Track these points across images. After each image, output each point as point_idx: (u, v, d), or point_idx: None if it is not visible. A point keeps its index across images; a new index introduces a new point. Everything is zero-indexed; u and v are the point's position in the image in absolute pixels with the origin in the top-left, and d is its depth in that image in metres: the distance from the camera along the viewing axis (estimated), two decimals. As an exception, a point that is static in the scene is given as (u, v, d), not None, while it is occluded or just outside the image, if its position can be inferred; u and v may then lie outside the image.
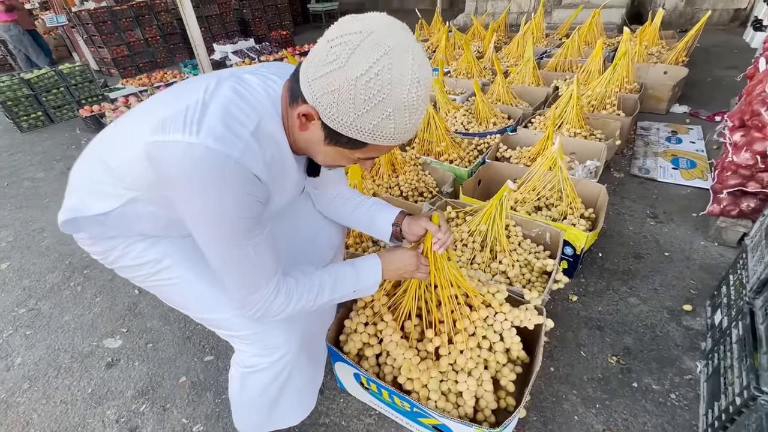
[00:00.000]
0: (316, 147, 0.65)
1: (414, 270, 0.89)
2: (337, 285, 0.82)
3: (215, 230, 0.62)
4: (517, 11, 6.25)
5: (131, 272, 0.81)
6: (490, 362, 1.02)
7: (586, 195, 1.72)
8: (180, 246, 0.79)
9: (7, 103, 3.72)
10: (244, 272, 0.68)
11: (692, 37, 3.12)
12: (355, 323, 1.06)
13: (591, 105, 2.46)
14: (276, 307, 0.73)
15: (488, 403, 0.98)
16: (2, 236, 2.23)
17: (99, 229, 0.75)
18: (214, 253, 0.67)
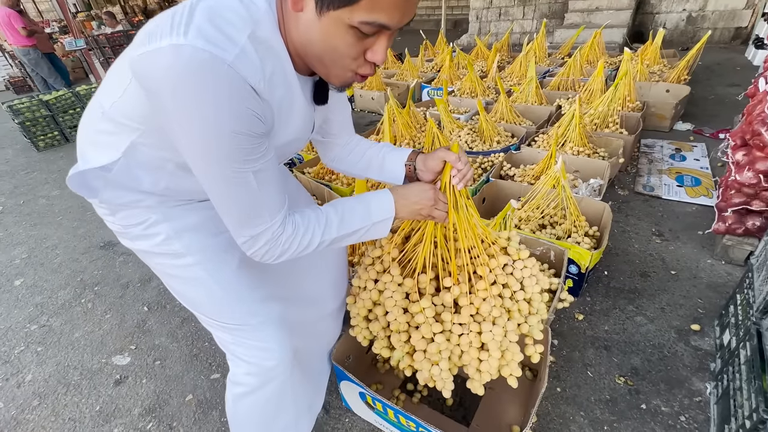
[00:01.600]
0: (311, 30, 0.54)
1: (431, 205, 0.77)
2: (345, 219, 0.73)
3: (211, 149, 0.54)
4: (519, 31, 6.39)
5: (150, 258, 0.79)
6: (512, 312, 0.90)
7: (590, 213, 1.74)
8: (205, 244, 0.77)
9: (26, 123, 3.85)
10: (246, 204, 0.61)
11: (693, 56, 3.17)
12: (363, 280, 0.93)
13: (594, 123, 2.50)
14: (282, 243, 0.66)
15: (514, 355, 0.86)
16: (17, 253, 2.28)
17: (109, 191, 0.70)
18: (212, 182, 0.59)
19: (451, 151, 0.79)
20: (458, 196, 0.82)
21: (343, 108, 0.89)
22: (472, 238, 0.87)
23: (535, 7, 6.13)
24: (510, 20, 6.38)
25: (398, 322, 0.86)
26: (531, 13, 6.21)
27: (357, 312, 0.94)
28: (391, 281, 0.88)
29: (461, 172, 0.79)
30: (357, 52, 0.56)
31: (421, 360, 0.85)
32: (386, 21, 0.52)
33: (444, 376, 0.84)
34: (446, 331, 0.85)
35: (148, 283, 1.90)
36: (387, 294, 0.88)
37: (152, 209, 0.73)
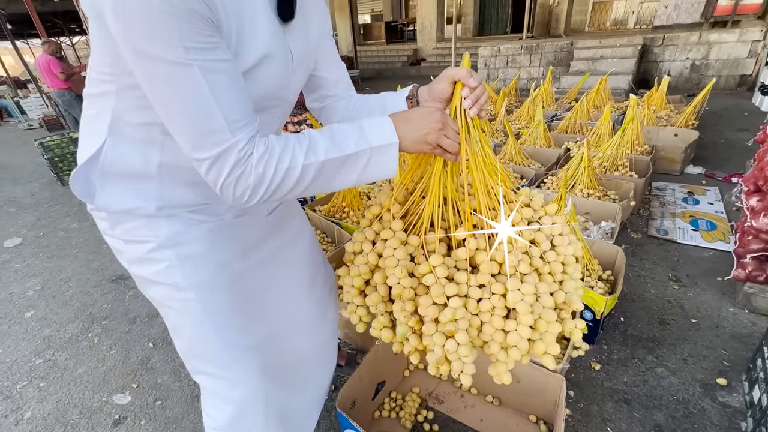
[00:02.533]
0: None
1: (439, 129, 0.63)
2: (335, 141, 0.61)
3: (145, 32, 0.47)
4: (526, 78, 6.63)
5: (148, 286, 0.75)
6: (543, 276, 0.70)
7: (603, 257, 1.71)
8: (207, 279, 0.74)
9: (54, 159, 4.05)
10: (196, 110, 0.51)
11: (699, 102, 3.23)
12: (359, 243, 0.76)
13: (603, 166, 2.51)
14: (254, 165, 0.55)
15: (549, 325, 0.67)
16: (31, 284, 2.32)
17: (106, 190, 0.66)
18: (154, 83, 0.51)
19: (462, 66, 0.67)
20: (471, 126, 0.68)
21: (335, 64, 0.83)
22: (490, 178, 0.70)
23: (541, 56, 6.40)
24: (517, 67, 6.65)
25: (402, 287, 0.69)
26: (537, 61, 6.47)
27: (351, 283, 0.76)
28: (393, 237, 0.72)
29: (474, 93, 0.66)
30: None
31: (432, 333, 0.67)
32: None
33: (462, 352, 0.65)
34: (462, 296, 0.67)
35: (155, 318, 1.90)
36: (388, 253, 0.71)
37: (155, 222, 0.68)
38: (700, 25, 6.62)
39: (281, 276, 0.89)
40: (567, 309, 0.72)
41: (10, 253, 2.75)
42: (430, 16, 11.20)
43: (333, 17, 13.58)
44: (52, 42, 5.41)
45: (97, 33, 0.55)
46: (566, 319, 0.72)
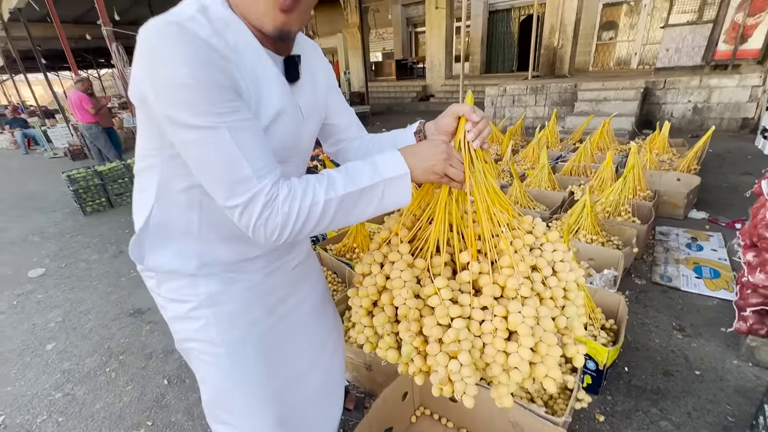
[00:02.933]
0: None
1: (444, 159, 0.69)
2: (351, 176, 0.66)
3: (179, 103, 0.56)
4: (532, 116, 6.83)
5: (184, 342, 0.83)
6: (545, 300, 0.73)
7: (606, 305, 1.75)
8: (239, 337, 0.81)
9: (79, 191, 4.25)
10: (227, 164, 0.58)
11: (701, 148, 3.32)
12: (368, 264, 0.80)
13: (606, 211, 2.59)
14: (280, 206, 0.61)
15: (550, 348, 0.68)
16: (52, 316, 2.42)
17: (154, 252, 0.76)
18: (190, 146, 0.59)
19: (465, 103, 0.73)
20: (475, 157, 0.73)
21: (345, 111, 0.92)
22: (493, 206, 0.75)
23: (546, 96, 6.62)
24: (523, 106, 6.87)
25: (408, 307, 0.72)
26: (543, 101, 6.69)
27: (360, 304, 0.79)
28: (401, 260, 0.75)
29: (477, 126, 0.73)
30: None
31: (436, 353, 0.70)
32: None
33: (465, 373, 0.68)
34: (465, 318, 0.70)
35: (170, 354, 1.96)
36: (395, 274, 0.74)
37: (196, 281, 0.77)
38: (702, 68, 6.84)
39: (299, 328, 0.96)
40: (569, 334, 0.75)
41: (33, 283, 2.87)
42: (439, 55, 11.70)
43: (346, 56, 14.25)
44: (84, 80, 5.79)
45: (142, 117, 0.67)
46: (568, 344, 0.74)
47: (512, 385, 0.70)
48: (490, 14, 12.33)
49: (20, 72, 15.75)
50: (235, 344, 0.81)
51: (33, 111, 15.57)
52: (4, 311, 2.51)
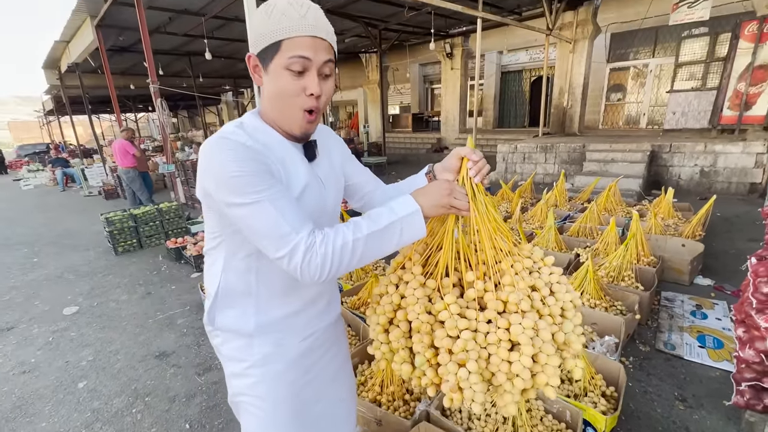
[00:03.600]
0: (269, 88, 0.82)
1: (449, 194, 0.83)
2: (372, 218, 0.80)
3: (232, 189, 0.75)
4: (542, 173, 7.09)
5: (237, 396, 0.98)
6: (544, 317, 0.82)
7: (606, 372, 1.83)
8: (283, 394, 0.96)
9: (114, 232, 4.58)
10: (272, 225, 0.75)
11: (704, 215, 3.45)
12: (384, 285, 0.91)
13: (609, 276, 2.70)
14: (317, 249, 0.75)
15: (549, 358, 0.77)
16: (84, 354, 2.59)
17: (221, 313, 0.92)
18: (244, 218, 0.76)
19: (467, 146, 0.89)
20: (476, 190, 0.85)
21: (361, 171, 1.11)
22: (493, 231, 0.85)
23: (556, 154, 6.91)
24: (533, 163, 7.15)
25: (421, 321, 0.81)
26: (552, 159, 6.97)
27: (377, 322, 0.89)
28: (414, 279, 0.86)
29: (477, 165, 0.87)
30: (297, 89, 0.79)
31: (447, 363, 0.78)
32: (303, 53, 0.77)
33: (472, 380, 0.76)
34: (472, 330, 0.79)
35: (193, 399, 2.09)
36: (409, 292, 0.85)
37: (252, 342, 0.92)
38: (709, 131, 7.08)
39: (324, 387, 1.10)
40: (567, 349, 0.82)
41: (67, 321, 3.08)
42: (453, 110, 12.35)
43: (366, 108, 15.12)
44: (129, 130, 6.37)
45: (207, 208, 0.89)
46: (567, 358, 0.82)
47: (516, 392, 0.77)
48: (502, 74, 13.12)
49: (66, 114, 17.19)
50: (278, 401, 0.96)
51: (72, 150, 16.78)
52: (41, 347, 2.70)
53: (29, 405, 2.13)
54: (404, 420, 1.55)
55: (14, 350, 2.69)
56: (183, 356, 2.49)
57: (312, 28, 0.78)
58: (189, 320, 2.95)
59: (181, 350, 2.56)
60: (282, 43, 0.77)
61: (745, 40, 6.45)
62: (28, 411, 2.09)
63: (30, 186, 11.79)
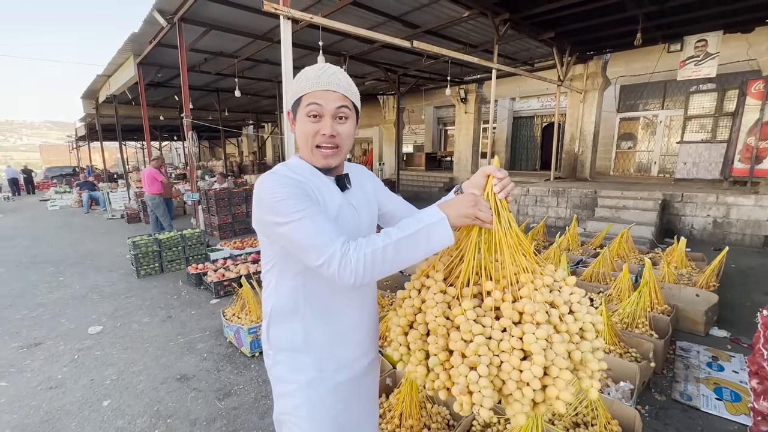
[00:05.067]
0: (298, 132, 1.00)
1: (473, 205, 0.89)
2: (401, 227, 0.88)
3: (278, 212, 0.88)
4: (554, 216, 7.19)
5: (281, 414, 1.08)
6: (561, 333, 0.82)
7: (622, 417, 1.85)
8: (322, 417, 1.04)
9: (139, 255, 4.76)
10: (312, 237, 0.86)
11: (717, 266, 3.49)
12: (408, 290, 0.98)
13: (624, 322, 2.73)
14: (351, 254, 0.84)
15: (561, 372, 0.77)
16: (108, 374, 2.67)
17: (274, 328, 1.04)
18: (288, 233, 0.88)
19: (492, 165, 0.98)
20: (500, 206, 0.91)
21: (394, 199, 1.23)
22: (514, 246, 0.89)
23: (568, 199, 7.04)
24: (545, 207, 7.28)
25: (437, 324, 0.86)
26: (564, 203, 7.09)
27: (398, 323, 0.95)
28: (435, 285, 0.91)
29: (502, 182, 0.94)
30: (314, 131, 0.98)
31: (459, 364, 0.81)
32: (317, 101, 0.96)
33: (482, 383, 0.77)
34: (486, 336, 0.81)
35: (213, 423, 2.14)
36: (429, 296, 0.90)
37: (300, 361, 1.03)
38: (721, 182, 7.17)
39: (361, 413, 1.18)
40: (584, 369, 0.83)
41: (92, 339, 3.19)
42: (466, 151, 12.71)
43: (380, 146, 15.63)
44: (159, 158, 6.75)
45: (261, 234, 1.03)
46: (583, 377, 0.83)
47: (526, 403, 0.78)
48: (514, 119, 13.58)
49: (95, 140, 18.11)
50: (318, 422, 1.06)
51: (98, 174, 17.53)
52: (67, 364, 2.80)
53: (56, 420, 2.20)
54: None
55: (41, 366, 2.79)
56: (203, 380, 2.56)
57: (325, 83, 0.96)
58: (209, 345, 3.03)
59: (202, 374, 2.63)
60: (303, 98, 0.97)
61: (752, 97, 6.70)
62: (55, 426, 2.16)
63: (56, 207, 12.26)
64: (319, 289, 1.02)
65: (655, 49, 8.62)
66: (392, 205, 1.23)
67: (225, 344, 3.03)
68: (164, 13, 5.80)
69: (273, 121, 19.75)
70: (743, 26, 7.27)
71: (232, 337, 2.98)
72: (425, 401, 1.96)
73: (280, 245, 0.98)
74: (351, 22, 5.01)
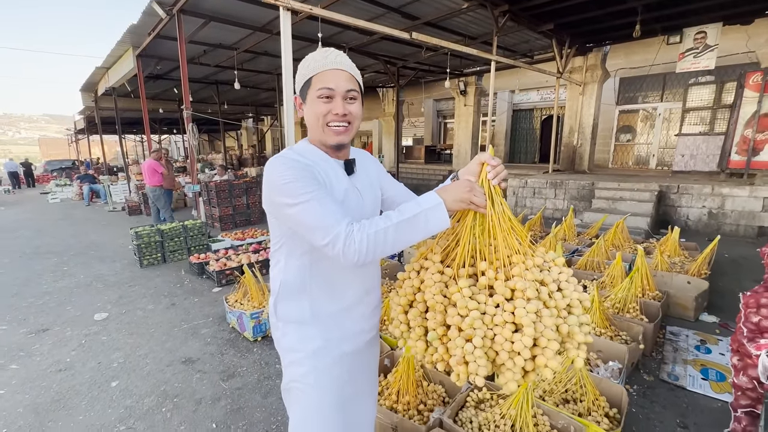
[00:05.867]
0: (307, 114, 1.03)
1: (469, 191, 0.94)
2: (400, 210, 0.94)
3: (287, 193, 0.92)
4: (552, 208, 7.25)
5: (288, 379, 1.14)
6: (550, 308, 0.88)
7: (610, 395, 1.94)
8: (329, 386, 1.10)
9: (141, 245, 4.83)
10: (318, 217, 0.90)
11: (709, 254, 3.56)
12: (407, 272, 1.04)
13: (615, 307, 2.81)
14: (355, 235, 0.88)
15: (549, 342, 0.84)
16: (115, 357, 2.75)
17: (283, 303, 1.10)
18: (296, 213, 0.92)
19: (487, 152, 1.03)
20: (494, 192, 0.97)
21: (395, 184, 1.28)
22: (507, 230, 0.95)
23: (565, 191, 7.10)
24: (543, 198, 7.34)
25: (435, 301, 0.92)
26: (562, 195, 7.15)
27: (398, 303, 1.01)
28: (433, 266, 0.97)
29: (495, 169, 0.99)
30: (326, 110, 1.00)
31: (456, 337, 0.87)
32: (328, 84, 0.99)
33: (477, 354, 0.84)
34: (481, 312, 0.88)
35: (218, 402, 2.23)
36: (428, 276, 0.96)
37: (308, 332, 1.08)
38: (718, 174, 7.23)
39: (364, 384, 1.25)
40: (570, 341, 0.90)
41: (98, 325, 3.27)
42: (465, 144, 12.74)
43: (380, 139, 15.63)
44: (158, 151, 6.79)
45: (270, 215, 1.08)
46: (570, 349, 0.90)
47: (517, 371, 0.85)
48: (514, 112, 13.59)
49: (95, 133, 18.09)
50: (324, 390, 1.12)
51: (98, 167, 17.55)
52: (75, 348, 2.88)
53: (67, 399, 2.29)
54: (419, 426, 1.68)
55: (50, 350, 2.88)
56: (207, 363, 2.64)
57: (333, 63, 1.00)
58: (212, 330, 3.12)
59: (206, 357, 2.71)
60: (312, 79, 1.00)
61: (750, 89, 6.73)
62: (66, 404, 2.24)
63: (57, 200, 12.32)
64: (325, 267, 1.08)
65: (655, 41, 8.61)
66: (394, 191, 1.27)
67: (228, 329, 3.12)
68: (163, 5, 5.81)
69: (272, 114, 19.71)
70: (743, 18, 7.28)
71: (235, 323, 3.07)
72: (422, 380, 2.04)
73: (288, 226, 1.03)
74: (350, 13, 5.03)
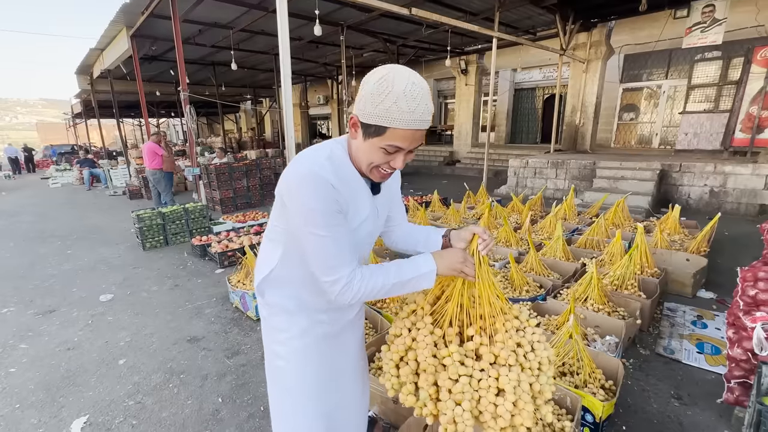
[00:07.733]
0: (360, 149, 0.93)
1: (462, 262, 1.01)
2: (401, 269, 0.99)
3: (307, 219, 0.90)
4: (553, 188, 7.23)
5: (271, 360, 1.17)
6: (525, 369, 1.02)
7: (606, 367, 1.98)
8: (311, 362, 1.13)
9: (143, 228, 4.86)
10: (328, 256, 0.92)
11: (709, 232, 3.57)
12: (399, 328, 1.10)
13: (614, 284, 2.84)
14: (354, 286, 0.93)
15: (526, 404, 0.97)
16: (122, 336, 2.81)
17: (271, 291, 1.11)
18: (308, 242, 0.92)
19: (480, 225, 1.14)
20: (482, 261, 1.05)
21: (400, 204, 1.28)
22: (492, 296, 1.05)
23: (566, 170, 7.06)
24: (544, 179, 7.31)
25: (428, 363, 1.01)
26: (563, 175, 7.11)
27: (390, 358, 1.07)
28: (425, 327, 1.06)
29: (485, 241, 1.06)
30: (385, 161, 0.93)
31: (446, 400, 0.97)
32: (401, 145, 0.89)
33: (465, 417, 0.95)
34: (468, 376, 0.98)
35: (223, 378, 2.29)
36: (420, 338, 1.04)
37: (292, 318, 1.11)
38: (721, 152, 7.16)
39: (347, 361, 1.27)
40: (542, 397, 1.03)
41: (104, 306, 3.33)
42: (466, 124, 12.60)
43: (380, 120, 15.40)
44: (157, 134, 6.74)
45: (279, 206, 1.06)
46: (541, 405, 1.03)
47: (497, 429, 0.97)
48: (515, 91, 13.36)
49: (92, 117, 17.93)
50: (308, 368, 1.15)
51: (97, 152, 17.46)
52: (82, 328, 2.94)
53: (76, 376, 2.35)
54: (419, 398, 1.73)
55: (58, 330, 2.94)
56: (212, 341, 2.70)
57: (417, 123, 0.86)
58: (216, 310, 3.17)
59: (210, 336, 2.77)
60: (387, 130, 0.86)
61: (757, 64, 6.59)
62: (75, 381, 2.31)
63: (58, 184, 12.32)
64: None
65: (661, 16, 8.38)
66: (397, 212, 1.27)
67: (231, 309, 3.17)
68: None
69: (271, 96, 19.43)
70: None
71: (238, 303, 3.11)
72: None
73: (296, 236, 1.00)
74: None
